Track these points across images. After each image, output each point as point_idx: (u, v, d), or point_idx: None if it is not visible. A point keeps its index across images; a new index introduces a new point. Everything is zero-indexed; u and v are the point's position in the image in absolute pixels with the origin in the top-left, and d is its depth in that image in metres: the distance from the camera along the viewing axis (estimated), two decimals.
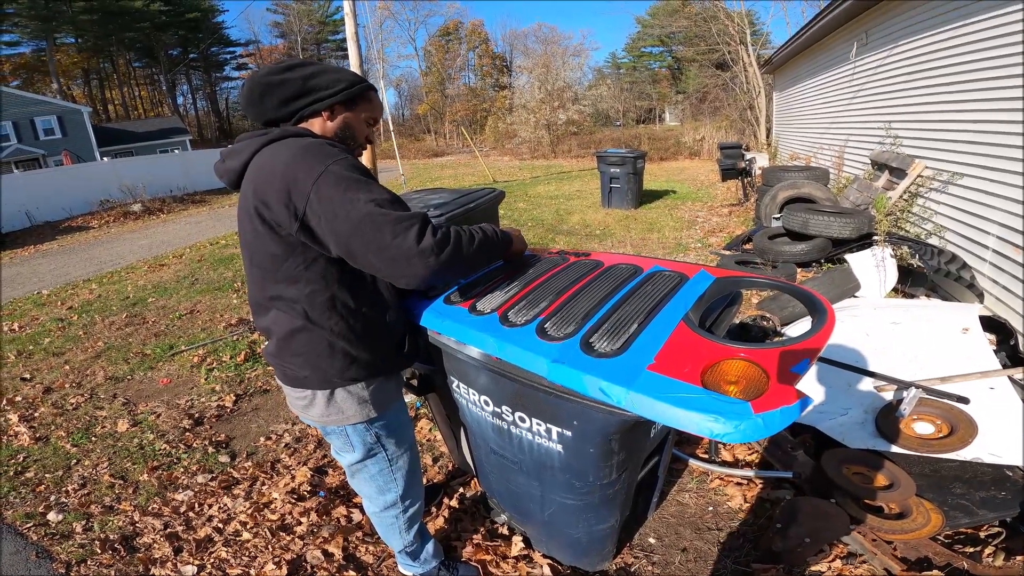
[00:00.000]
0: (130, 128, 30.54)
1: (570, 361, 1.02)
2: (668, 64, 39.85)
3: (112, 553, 2.07)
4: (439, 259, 1.09)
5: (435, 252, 1.08)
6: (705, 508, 2.07)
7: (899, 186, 5.02)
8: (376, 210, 1.07)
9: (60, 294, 6.47)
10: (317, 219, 1.10)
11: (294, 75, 1.21)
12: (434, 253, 1.08)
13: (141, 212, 13.23)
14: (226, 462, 2.68)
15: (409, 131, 40.20)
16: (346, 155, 1.16)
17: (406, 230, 1.07)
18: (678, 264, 1.45)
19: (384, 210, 1.08)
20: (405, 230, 1.07)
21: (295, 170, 1.10)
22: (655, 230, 7.15)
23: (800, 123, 10.06)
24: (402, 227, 1.07)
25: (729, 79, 17.49)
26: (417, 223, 1.09)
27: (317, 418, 1.35)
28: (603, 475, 1.26)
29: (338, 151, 1.15)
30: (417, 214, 1.11)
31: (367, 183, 1.11)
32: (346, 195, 1.07)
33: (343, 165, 1.11)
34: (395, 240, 1.06)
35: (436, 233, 1.11)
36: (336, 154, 1.13)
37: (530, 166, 18.58)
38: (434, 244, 1.08)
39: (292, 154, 1.12)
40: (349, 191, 1.08)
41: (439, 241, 1.10)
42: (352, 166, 1.13)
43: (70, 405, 3.42)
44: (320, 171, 1.09)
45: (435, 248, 1.09)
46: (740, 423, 0.81)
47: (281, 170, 1.11)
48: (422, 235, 1.08)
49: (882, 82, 5.80)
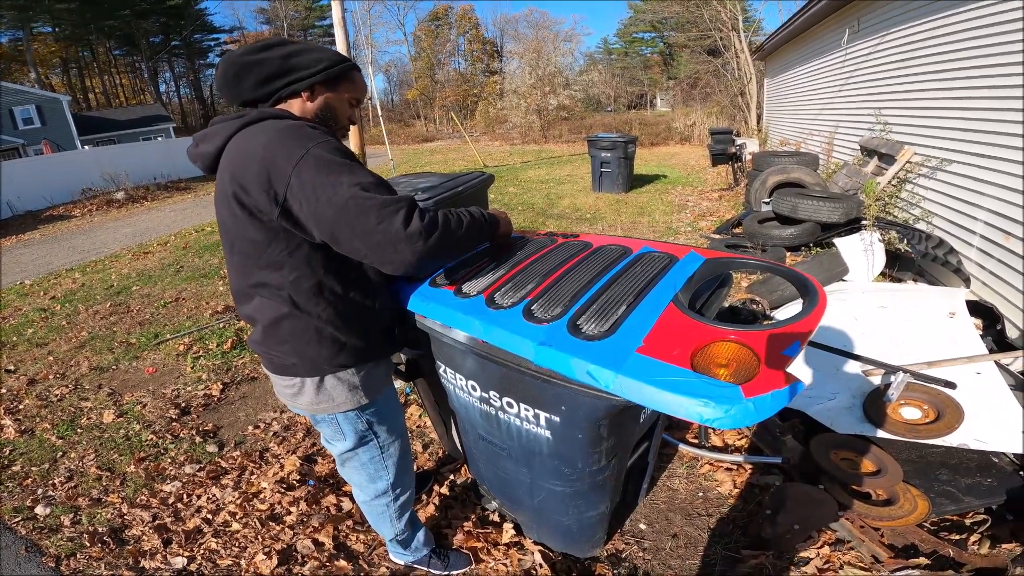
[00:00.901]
0: (112, 116, 29.85)
1: (557, 344, 1.00)
2: (660, 50, 39.54)
3: (102, 546, 2.05)
4: (427, 244, 1.06)
5: (423, 237, 1.05)
6: (695, 494, 2.08)
7: (888, 172, 5.04)
8: (361, 194, 1.03)
9: (43, 284, 6.35)
10: (299, 204, 1.06)
11: (272, 54, 1.16)
12: (422, 238, 1.05)
13: (124, 200, 12.98)
14: (214, 452, 2.65)
15: (399, 117, 39.69)
16: (328, 137, 1.11)
17: (392, 214, 1.03)
18: (668, 245, 1.42)
19: (369, 194, 1.04)
20: (391, 214, 1.03)
21: (274, 153, 1.05)
22: (645, 214, 7.14)
23: (791, 109, 10.07)
24: (388, 211, 1.03)
25: (721, 65, 17.41)
26: (404, 207, 1.06)
27: (306, 406, 1.33)
28: (592, 461, 1.25)
29: (319, 133, 1.11)
30: (404, 197, 1.08)
31: (350, 166, 1.07)
32: (329, 179, 1.03)
33: (325, 148, 1.07)
34: (381, 225, 1.02)
35: (424, 217, 1.07)
36: (318, 136, 1.09)
37: (521, 151, 18.46)
38: (421, 228, 1.05)
39: (270, 137, 1.08)
40: (332, 174, 1.04)
41: (427, 225, 1.06)
42: (335, 148, 1.09)
43: (55, 397, 3.37)
44: (301, 154, 1.05)
45: (423, 233, 1.05)
46: (730, 408, 0.80)
47: (260, 153, 1.07)
48: (409, 219, 1.05)
49: (873, 69, 5.81)
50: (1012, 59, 3.30)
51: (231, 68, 1.16)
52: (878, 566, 1.62)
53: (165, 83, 49.37)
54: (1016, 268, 3.13)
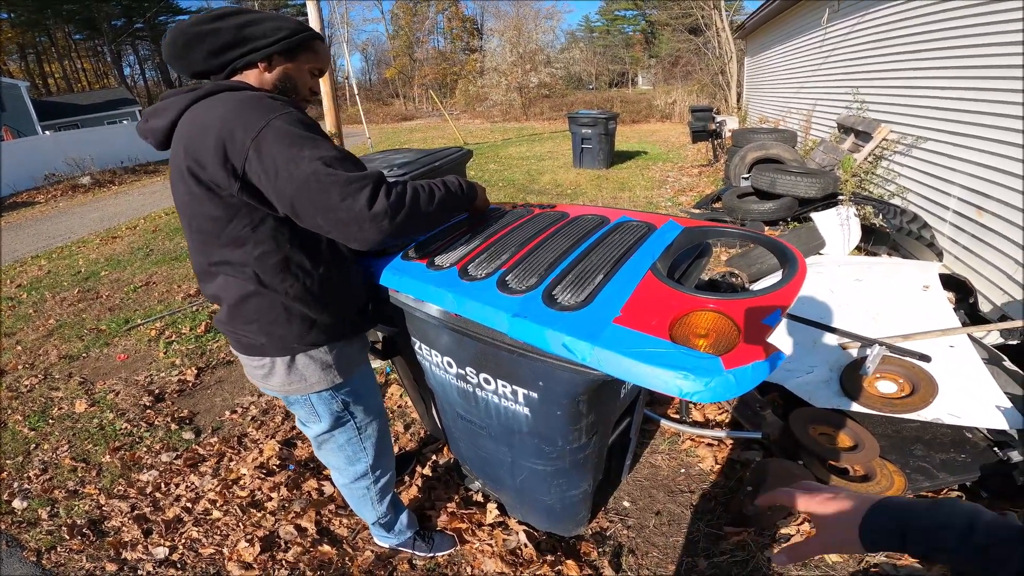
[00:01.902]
0: (74, 101, 28.57)
1: (532, 315, 0.97)
2: (642, 28, 39.09)
3: (81, 538, 2.00)
4: (393, 222, 1.01)
5: (388, 215, 1.00)
6: (677, 470, 2.10)
7: (864, 149, 5.09)
8: (323, 169, 0.98)
9: (8, 272, 6.10)
10: (258, 178, 1.01)
11: (226, 23, 1.09)
12: (387, 216, 1.00)
13: (91, 185, 12.50)
14: (191, 439, 2.59)
15: (377, 96, 38.73)
16: (290, 108, 1.05)
17: (357, 192, 0.98)
18: (646, 215, 1.40)
19: (331, 169, 0.99)
20: (356, 191, 0.98)
21: (232, 125, 0.99)
22: (626, 189, 7.13)
23: (770, 88, 10.13)
24: (352, 188, 0.98)
25: (702, 44, 17.30)
26: (369, 184, 1.00)
27: (278, 387, 1.28)
28: (572, 439, 1.24)
29: (281, 104, 1.05)
30: (369, 173, 1.02)
31: (313, 139, 1.02)
32: (290, 151, 0.98)
33: (287, 119, 1.01)
34: (344, 202, 0.98)
35: (390, 194, 1.02)
36: (279, 107, 1.03)
37: (502, 128, 18.23)
38: (387, 207, 1.00)
39: (228, 108, 1.02)
40: (293, 147, 0.98)
41: (393, 203, 1.01)
42: (297, 120, 1.03)
43: (24, 387, 3.26)
44: (260, 126, 0.99)
45: (389, 211, 1.00)
46: (710, 380, 0.78)
47: (217, 126, 1.00)
48: (374, 197, 1.00)
49: (851, 49, 5.89)
50: (987, 40, 3.33)
51: (180, 38, 1.09)
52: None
53: (130, 66, 47.29)
54: (988, 242, 3.19)
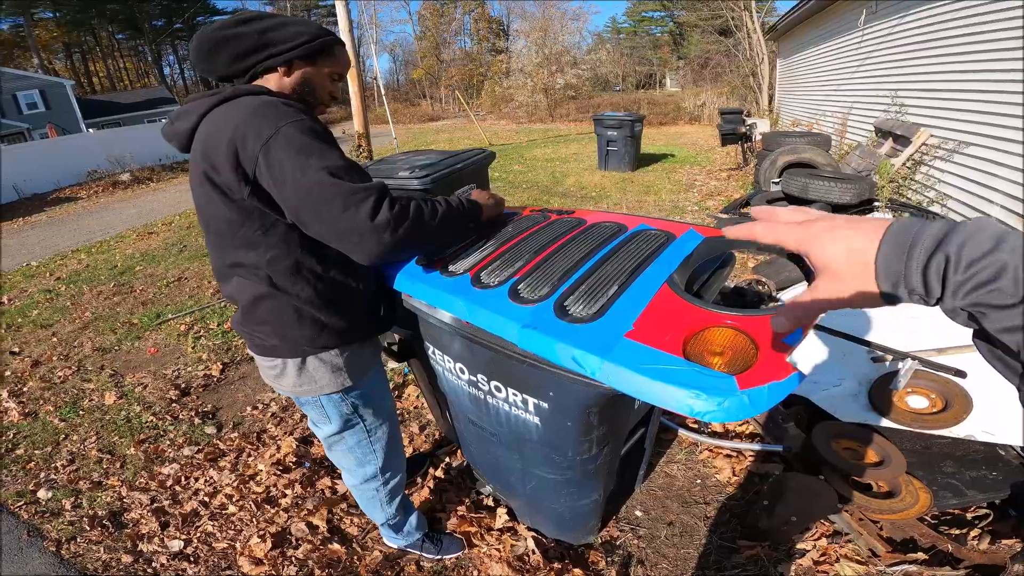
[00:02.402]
0: (116, 100, 29.86)
1: (542, 327, 0.94)
2: (670, 29, 38.56)
3: (101, 529, 2.05)
4: (395, 236, 1.01)
5: (390, 228, 1.00)
6: (693, 481, 2.05)
7: (903, 153, 4.90)
8: (327, 179, 0.98)
9: (49, 265, 6.37)
10: (267, 183, 1.02)
11: (249, 28, 1.11)
12: (389, 229, 1.00)
13: (130, 181, 13.00)
14: (212, 433, 2.65)
15: (404, 96, 39.27)
16: (302, 116, 1.06)
17: (359, 203, 0.98)
18: (666, 222, 1.35)
19: (336, 179, 0.99)
20: (358, 203, 0.98)
21: (244, 131, 1.01)
22: (651, 192, 7.02)
23: (803, 90, 9.90)
24: (355, 199, 0.98)
25: (732, 45, 16.97)
26: (372, 195, 1.00)
27: (289, 388, 1.30)
28: (583, 450, 1.21)
29: (294, 111, 1.05)
30: (373, 185, 1.02)
31: (321, 148, 1.02)
32: (296, 160, 0.99)
33: (297, 127, 1.02)
34: (346, 213, 0.98)
35: (393, 207, 1.02)
36: (291, 115, 1.04)
37: (527, 130, 18.22)
38: (390, 219, 1.00)
39: (242, 114, 1.03)
40: (300, 156, 0.99)
41: (396, 216, 1.01)
42: (308, 128, 1.04)
43: (58, 378, 3.38)
44: (270, 133, 1.00)
45: (391, 223, 1.00)
46: (724, 400, 0.74)
47: (230, 132, 1.02)
48: (377, 209, 1.00)
49: (890, 50, 5.70)
50: None
51: (205, 43, 1.12)
52: (875, 560, 1.58)
53: (169, 66, 49.11)
54: None
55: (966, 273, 0.40)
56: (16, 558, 1.95)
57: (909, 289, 0.44)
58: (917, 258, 0.42)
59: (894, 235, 0.44)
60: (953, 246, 0.41)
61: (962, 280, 0.40)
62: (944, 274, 0.41)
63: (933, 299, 0.42)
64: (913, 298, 0.44)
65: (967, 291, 0.40)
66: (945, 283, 0.41)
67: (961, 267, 0.40)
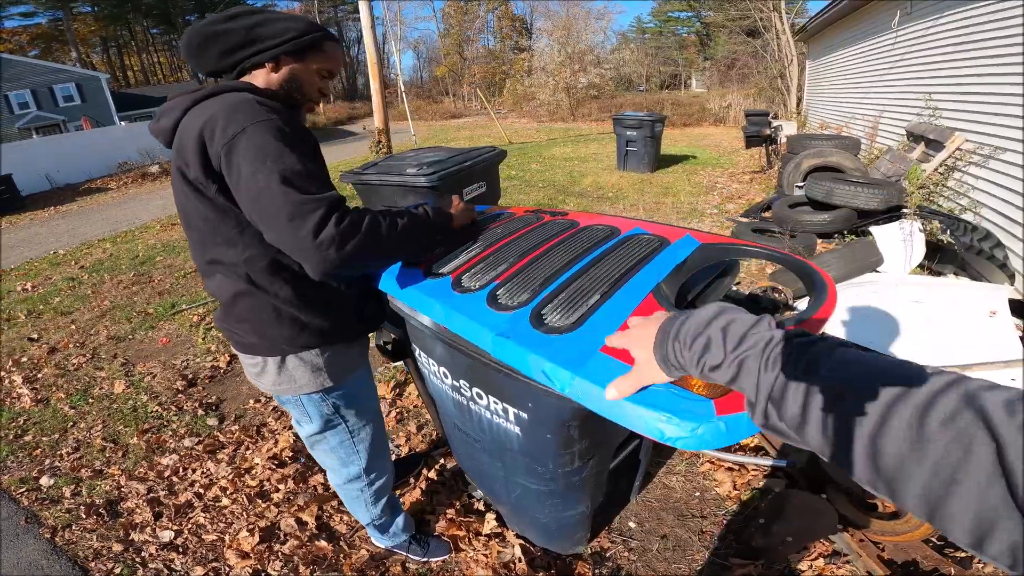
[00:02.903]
0: (149, 93, 30.69)
1: (516, 336, 0.90)
2: (696, 30, 37.90)
3: (96, 518, 2.08)
4: (341, 253, 0.95)
5: (335, 245, 0.94)
6: (692, 493, 1.97)
7: (935, 158, 4.70)
8: (278, 187, 0.94)
9: (75, 253, 6.56)
10: (229, 183, 1.00)
11: (237, 24, 1.09)
12: (334, 246, 0.94)
13: (158, 173, 13.33)
14: (214, 425, 2.67)
15: (427, 93, 39.49)
16: (272, 116, 1.01)
17: (306, 214, 0.93)
18: (662, 227, 1.29)
19: (286, 188, 0.94)
20: (305, 215, 0.93)
21: (212, 129, 0.99)
22: (670, 194, 6.88)
23: (833, 92, 9.65)
24: (303, 210, 0.93)
25: (760, 47, 16.58)
26: (321, 208, 0.95)
27: (269, 386, 1.28)
28: (563, 463, 1.16)
29: (265, 111, 1.01)
30: (324, 197, 0.97)
31: (280, 151, 0.97)
32: (254, 163, 0.95)
33: (264, 127, 0.98)
34: (291, 224, 0.94)
35: (341, 222, 0.96)
36: (261, 114, 1.00)
37: (548, 129, 18.11)
38: (335, 235, 0.94)
39: (214, 112, 1.01)
40: (257, 159, 0.95)
41: (343, 232, 0.95)
42: (275, 129, 0.99)
43: (72, 366, 3.45)
44: (235, 132, 0.97)
45: (337, 239, 0.94)
46: (698, 426, 0.68)
47: (199, 129, 1.01)
48: (323, 223, 0.94)
49: (924, 52, 5.51)
50: None
51: (195, 39, 1.10)
52: None
53: None
54: None
55: (691, 350, 0.58)
56: (12, 544, 1.98)
57: (671, 366, 0.64)
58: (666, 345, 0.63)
59: (661, 330, 0.65)
60: (682, 333, 0.61)
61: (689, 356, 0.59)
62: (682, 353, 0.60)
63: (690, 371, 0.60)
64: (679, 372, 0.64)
65: (695, 362, 0.58)
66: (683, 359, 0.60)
67: (687, 346, 0.59)
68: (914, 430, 0.38)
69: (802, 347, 0.49)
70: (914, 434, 0.38)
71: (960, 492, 0.35)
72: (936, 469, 0.36)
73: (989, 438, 0.34)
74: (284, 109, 1.09)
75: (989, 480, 0.33)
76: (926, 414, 0.38)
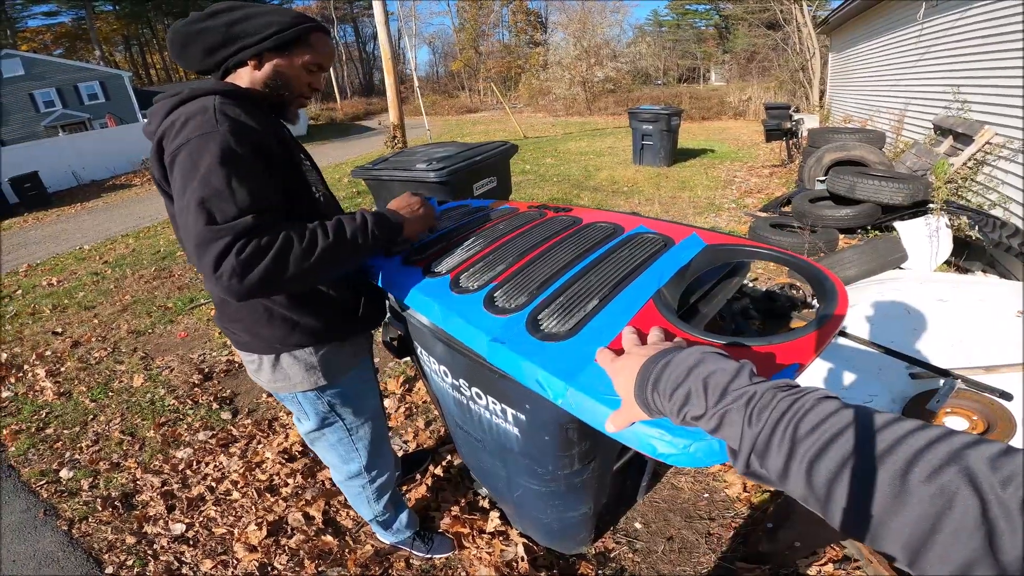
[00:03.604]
0: None
1: (511, 342, 0.88)
2: (715, 23, 37.18)
3: (112, 510, 2.13)
4: (245, 283, 0.91)
5: (236, 275, 0.90)
6: (700, 495, 1.94)
7: (963, 153, 4.55)
8: (194, 210, 0.91)
9: (99, 249, 6.73)
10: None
11: (216, 22, 1.06)
12: (235, 276, 0.90)
13: None
14: (227, 419, 2.71)
15: (443, 88, 39.50)
16: (222, 128, 0.96)
17: (208, 244, 0.90)
18: (668, 225, 1.25)
19: (199, 213, 0.91)
20: (207, 243, 0.90)
21: (168, 136, 0.98)
22: (687, 188, 6.77)
23: (857, 85, 9.44)
24: (206, 239, 0.90)
25: (780, 39, 16.18)
26: (225, 237, 0.90)
27: (266, 384, 1.30)
28: (563, 465, 1.14)
29: (215, 123, 0.96)
30: (228, 227, 0.91)
31: (212, 170, 0.92)
32: (184, 180, 0.94)
33: (203, 141, 0.94)
34: (196, 251, 0.92)
35: (244, 251, 0.91)
36: (208, 126, 0.95)
37: (564, 123, 17.99)
38: (235, 266, 0.90)
39: (174, 120, 0.99)
40: (188, 176, 0.93)
41: (245, 261, 0.90)
42: (217, 144, 0.94)
43: (94, 359, 3.55)
44: (179, 145, 0.95)
45: (237, 270, 0.90)
46: (690, 443, 0.65)
47: (160, 137, 1.00)
48: (224, 255, 0.90)
49: (952, 45, 5.36)
50: None
51: (177, 39, 1.09)
52: None
53: None
54: None
55: (671, 400, 0.58)
56: (30, 537, 2.04)
57: (652, 411, 0.64)
58: (645, 392, 0.62)
59: (641, 373, 0.64)
60: (661, 382, 0.60)
61: (670, 405, 0.58)
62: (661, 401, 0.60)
63: (671, 418, 0.60)
64: (660, 416, 0.64)
65: (675, 411, 0.58)
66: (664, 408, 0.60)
67: (667, 397, 0.59)
68: (898, 484, 0.39)
69: (785, 401, 0.50)
70: (898, 487, 0.39)
71: (941, 542, 0.36)
72: (919, 520, 0.37)
73: (972, 492, 0.35)
74: (249, 114, 1.03)
75: (970, 533, 0.34)
76: (910, 469, 0.39)
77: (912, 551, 0.38)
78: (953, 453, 0.38)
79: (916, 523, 0.37)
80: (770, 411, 0.49)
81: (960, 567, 0.35)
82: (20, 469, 2.47)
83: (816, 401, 0.49)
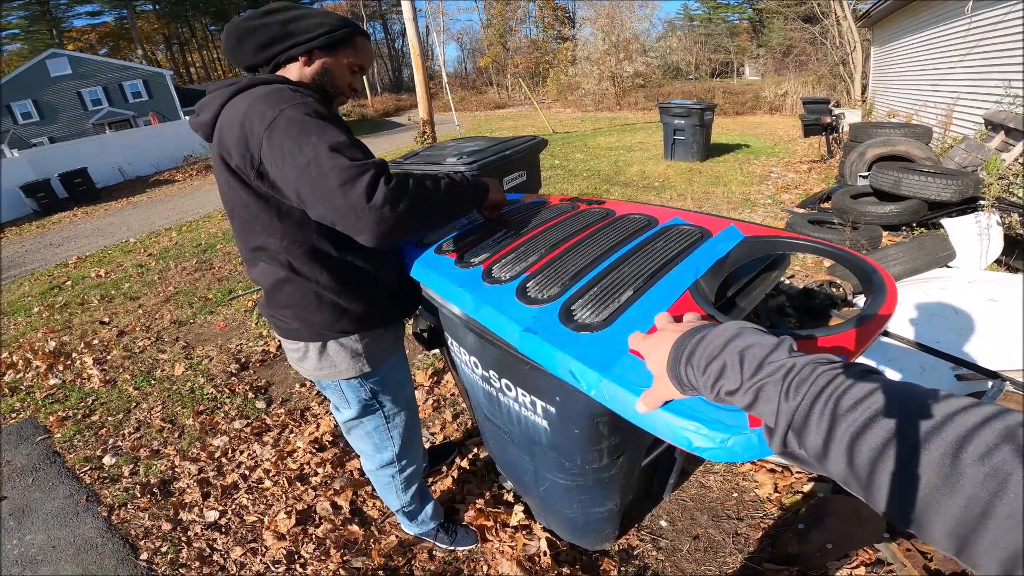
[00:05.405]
0: None
1: (544, 332, 0.87)
2: (748, 16, 36.10)
3: (150, 497, 2.21)
4: (394, 212, 0.96)
5: (388, 203, 0.96)
6: (729, 494, 1.90)
7: (1016, 148, 4.31)
8: (325, 153, 0.97)
9: (144, 242, 7.02)
10: (271, 166, 1.03)
11: (272, 19, 1.13)
12: (387, 204, 0.95)
13: None
14: (262, 408, 2.79)
15: (472, 84, 39.63)
16: (306, 99, 1.05)
17: (355, 177, 0.95)
18: (704, 217, 1.22)
19: (333, 154, 0.97)
20: (354, 177, 0.95)
21: (251, 117, 1.03)
22: (721, 184, 6.59)
23: (901, 79, 9.13)
24: (351, 174, 0.95)
25: (819, 33, 15.62)
26: (370, 170, 0.97)
27: (310, 371, 1.33)
28: (591, 459, 1.13)
29: (299, 95, 1.06)
30: (371, 161, 0.99)
31: (323, 126, 1.01)
32: (297, 139, 0.98)
33: (299, 108, 1.02)
34: (341, 188, 0.95)
35: (390, 183, 0.98)
36: (295, 98, 1.04)
37: (593, 118, 17.81)
38: (387, 194, 0.96)
39: (250, 102, 1.05)
40: (301, 135, 0.98)
41: (393, 191, 0.97)
42: (312, 110, 1.03)
43: (138, 348, 3.70)
44: (273, 116, 1.01)
45: (388, 199, 0.96)
46: (728, 437, 0.63)
47: (239, 119, 1.05)
48: (374, 185, 0.96)
49: (1002, 38, 5.11)
50: None
51: (234, 33, 1.16)
52: None
53: None
54: None
55: (705, 374, 0.56)
56: (71, 522, 2.13)
57: (685, 387, 0.61)
58: (678, 367, 0.60)
59: (675, 347, 0.61)
60: (695, 355, 0.58)
61: (704, 380, 0.56)
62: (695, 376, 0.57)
63: (704, 394, 0.58)
64: (693, 392, 0.62)
65: (709, 386, 0.55)
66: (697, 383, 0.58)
67: (701, 370, 0.56)
68: (947, 464, 0.36)
69: (826, 375, 0.47)
70: (947, 468, 0.36)
71: (993, 527, 0.33)
72: (969, 503, 0.34)
73: None
74: (319, 97, 1.12)
75: None
76: (962, 448, 0.36)
77: (960, 538, 0.35)
78: (1008, 431, 0.35)
79: (966, 507, 0.34)
80: (809, 385, 0.46)
81: (1013, 555, 0.32)
82: (66, 455, 2.59)
83: (859, 375, 0.46)
